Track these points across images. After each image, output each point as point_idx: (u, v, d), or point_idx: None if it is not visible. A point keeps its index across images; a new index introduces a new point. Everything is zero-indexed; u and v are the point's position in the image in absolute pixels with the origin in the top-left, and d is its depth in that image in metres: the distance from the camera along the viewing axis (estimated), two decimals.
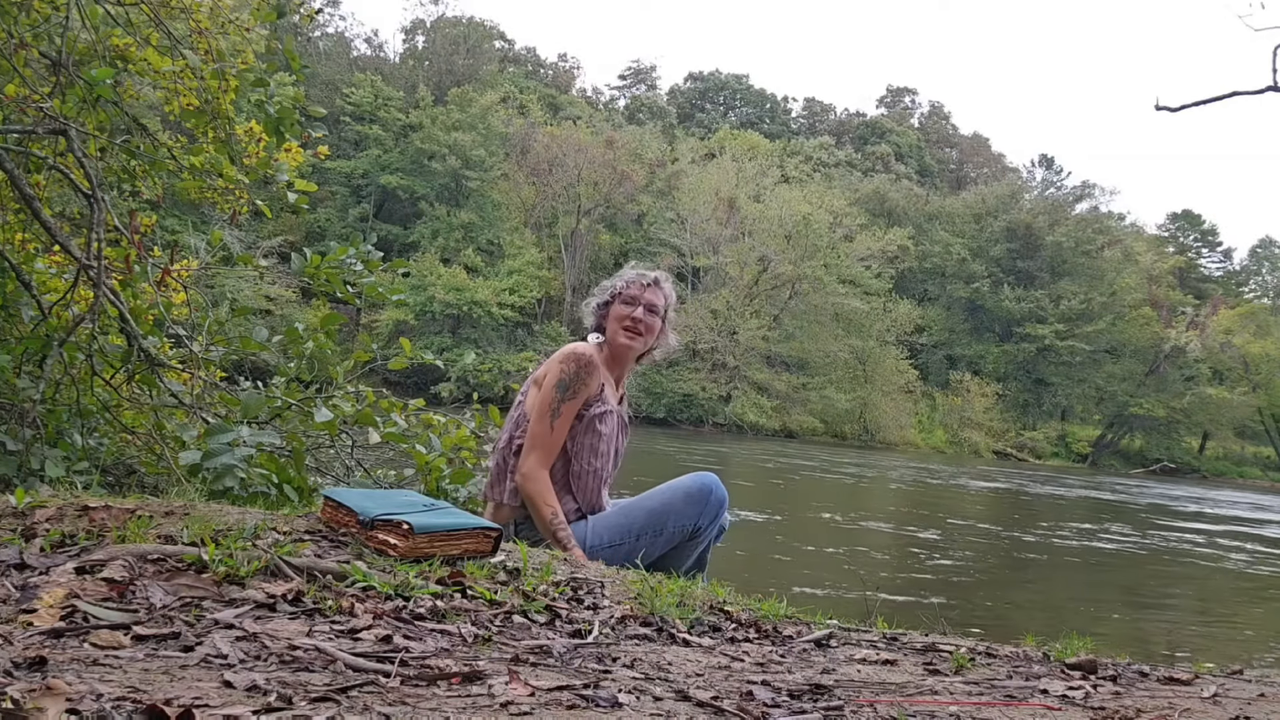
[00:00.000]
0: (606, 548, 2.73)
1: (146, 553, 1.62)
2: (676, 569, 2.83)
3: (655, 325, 2.95)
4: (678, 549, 2.83)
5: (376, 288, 3.93)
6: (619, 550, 2.74)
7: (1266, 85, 5.17)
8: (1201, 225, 56.91)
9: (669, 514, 2.78)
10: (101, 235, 3.30)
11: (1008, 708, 1.37)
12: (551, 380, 2.75)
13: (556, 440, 2.73)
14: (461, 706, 1.12)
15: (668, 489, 2.84)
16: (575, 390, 2.73)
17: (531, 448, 2.72)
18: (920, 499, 15.63)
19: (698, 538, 2.82)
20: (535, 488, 2.69)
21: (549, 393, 2.73)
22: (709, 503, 2.81)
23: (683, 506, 2.79)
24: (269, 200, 4.15)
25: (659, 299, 2.97)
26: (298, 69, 3.89)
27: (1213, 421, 43.91)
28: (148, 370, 3.57)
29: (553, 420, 2.72)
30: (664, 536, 2.78)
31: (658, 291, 2.97)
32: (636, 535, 2.76)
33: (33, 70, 3.62)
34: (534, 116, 41.93)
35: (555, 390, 2.73)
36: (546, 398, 2.74)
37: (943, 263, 46.03)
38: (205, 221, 20.70)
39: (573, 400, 2.74)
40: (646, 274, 3.00)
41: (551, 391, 2.73)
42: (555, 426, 2.72)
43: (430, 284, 32.25)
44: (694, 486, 2.82)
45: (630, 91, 65.53)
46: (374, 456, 4.08)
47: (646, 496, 2.85)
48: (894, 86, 73.23)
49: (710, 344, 35.54)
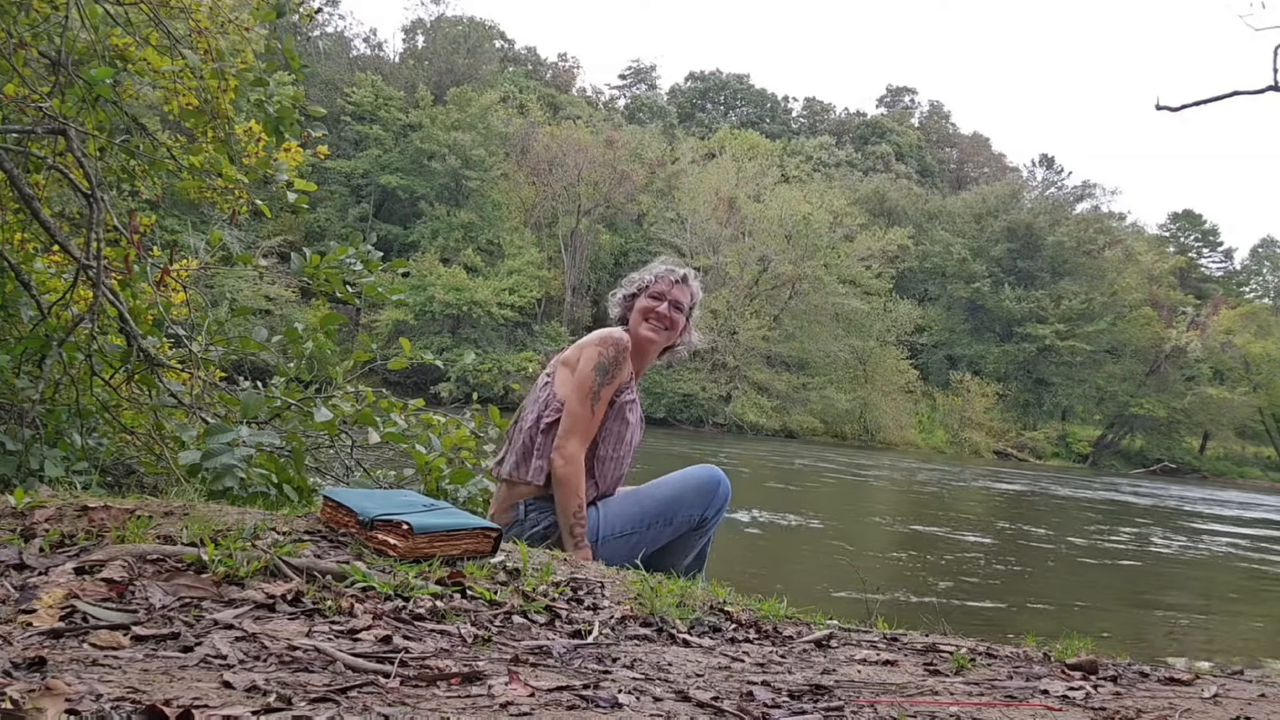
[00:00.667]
0: (618, 537, 2.74)
1: (146, 553, 1.62)
2: (677, 563, 2.84)
3: (679, 322, 2.96)
4: (682, 540, 2.84)
5: (376, 288, 3.92)
6: (629, 540, 2.75)
7: (1266, 85, 5.17)
8: (1202, 225, 56.92)
9: (679, 504, 2.80)
10: (101, 235, 3.30)
11: (1008, 708, 1.37)
12: (589, 364, 2.72)
13: (595, 423, 2.72)
14: (461, 707, 1.12)
15: (677, 479, 2.85)
16: (613, 374, 2.73)
17: (572, 430, 2.68)
18: (920, 499, 15.63)
19: (703, 528, 2.84)
20: (574, 471, 2.66)
21: (588, 375, 2.71)
22: (717, 494, 2.83)
23: (693, 497, 2.81)
24: (269, 200, 4.15)
25: (685, 296, 2.97)
26: (297, 69, 3.89)
27: (1213, 421, 43.90)
28: (147, 370, 3.57)
29: (594, 404, 2.70)
30: (673, 526, 2.80)
31: (685, 289, 2.97)
32: (648, 525, 2.78)
33: (32, 70, 3.62)
34: (534, 116, 41.92)
35: (595, 373, 2.71)
36: (586, 380, 2.71)
37: (943, 263, 46.01)
38: (205, 221, 20.66)
39: (610, 384, 2.73)
40: (675, 270, 3.00)
41: (590, 374, 2.71)
42: (595, 410, 2.71)
43: (430, 284, 32.24)
44: (704, 477, 2.84)
45: (630, 91, 65.57)
46: (374, 456, 4.08)
47: (656, 485, 2.85)
48: (893, 86, 73.32)
49: (710, 344, 35.54)
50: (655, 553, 2.84)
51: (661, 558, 2.84)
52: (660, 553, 2.84)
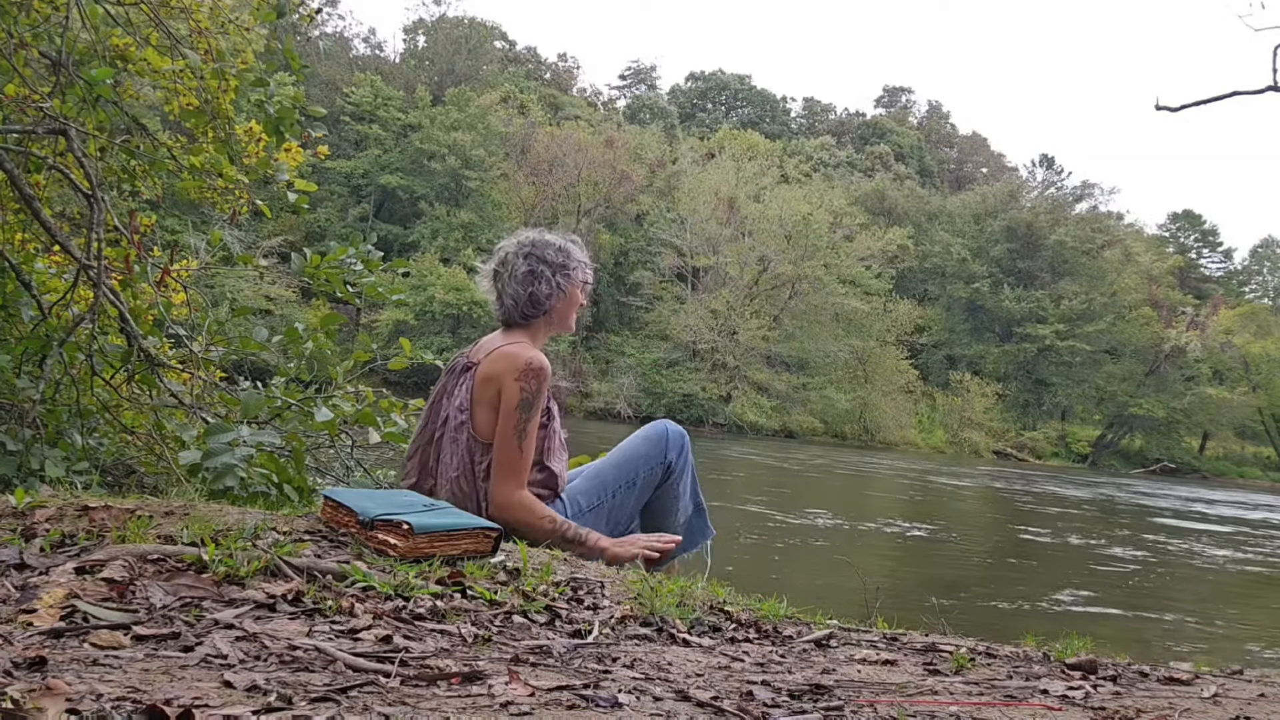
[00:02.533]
0: (586, 512, 2.69)
1: (146, 553, 1.62)
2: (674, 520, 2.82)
3: None
4: (663, 497, 2.80)
5: (376, 288, 3.92)
6: (600, 511, 2.71)
7: (1266, 85, 5.17)
8: (1202, 225, 56.91)
9: (635, 462, 2.75)
10: (101, 235, 3.30)
11: (1008, 708, 1.37)
12: (512, 402, 2.51)
13: (528, 460, 2.55)
14: (461, 706, 1.12)
15: (627, 442, 2.82)
16: (538, 405, 2.55)
17: (505, 476, 2.50)
18: (920, 499, 15.62)
19: (671, 476, 2.78)
20: (519, 514, 2.49)
21: (511, 416, 2.51)
22: (669, 439, 2.77)
23: (645, 450, 2.76)
24: (269, 200, 4.15)
25: None
26: (297, 69, 3.89)
27: (1213, 421, 43.88)
28: (148, 370, 3.57)
29: (520, 442, 2.51)
30: (638, 486, 2.75)
31: None
32: (612, 493, 2.73)
33: (33, 70, 3.62)
34: (534, 116, 41.93)
35: (519, 412, 2.51)
36: (510, 421, 2.51)
37: (943, 263, 46.00)
38: (205, 221, 20.64)
39: (536, 416, 2.55)
40: None
41: (515, 414, 2.51)
42: (524, 448, 2.52)
43: (430, 284, 32.24)
44: (649, 430, 2.81)
45: (631, 91, 65.56)
46: (374, 456, 4.08)
47: (608, 456, 2.83)
48: (890, 86, 73.29)
49: (710, 344, 35.53)
50: (649, 521, 2.82)
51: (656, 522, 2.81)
52: (653, 517, 2.81)
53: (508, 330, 2.70)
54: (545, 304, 2.65)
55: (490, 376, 2.54)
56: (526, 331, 2.67)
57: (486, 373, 2.55)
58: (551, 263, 2.66)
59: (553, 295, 2.66)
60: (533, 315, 2.66)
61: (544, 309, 2.66)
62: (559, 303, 2.68)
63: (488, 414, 2.55)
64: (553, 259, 2.66)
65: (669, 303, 37.70)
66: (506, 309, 2.67)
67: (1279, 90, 5.11)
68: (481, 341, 2.73)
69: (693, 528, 2.89)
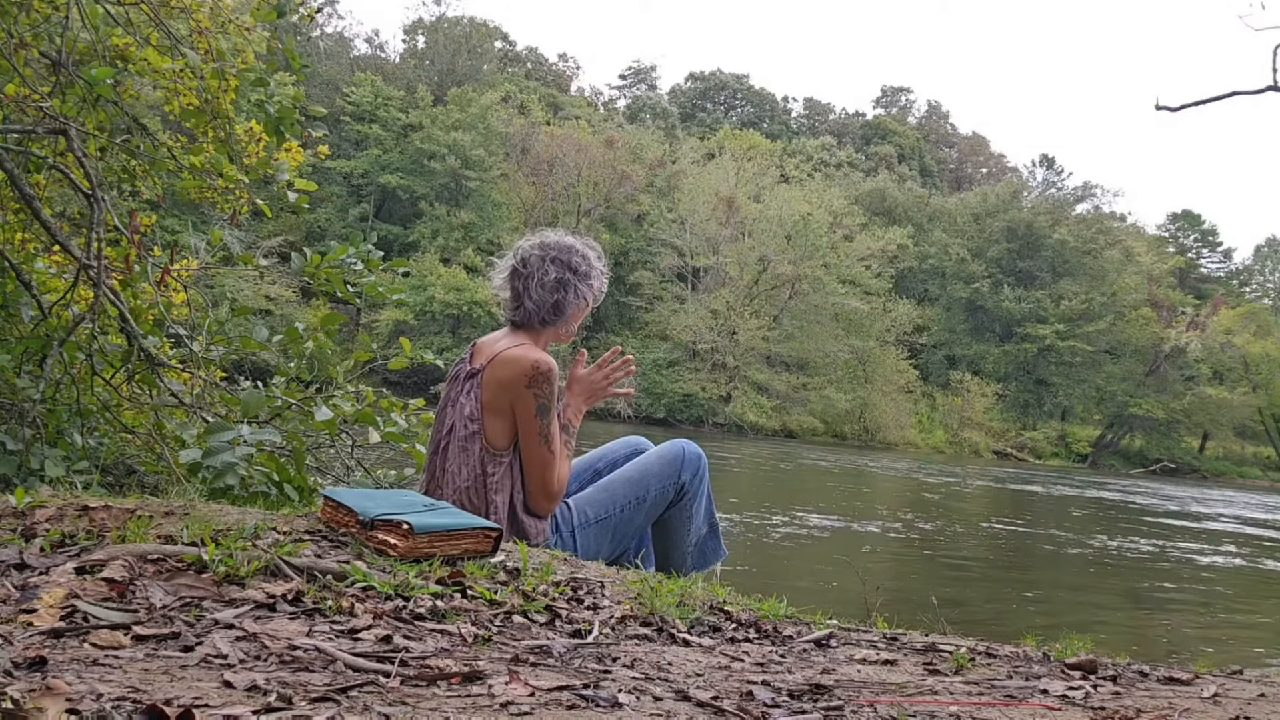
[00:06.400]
0: (592, 524, 2.70)
1: (146, 553, 1.62)
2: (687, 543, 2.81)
3: None
4: (676, 517, 2.79)
5: (376, 287, 3.92)
6: (606, 524, 2.72)
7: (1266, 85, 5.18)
8: (1202, 225, 56.91)
9: (647, 479, 2.74)
10: (101, 235, 3.30)
11: (1008, 708, 1.37)
12: (529, 410, 2.53)
13: (558, 453, 2.61)
14: (461, 706, 1.12)
15: (642, 458, 2.81)
16: (554, 406, 2.58)
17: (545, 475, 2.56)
18: (920, 499, 15.63)
19: (686, 495, 2.78)
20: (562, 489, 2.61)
21: (531, 424, 2.54)
22: (685, 459, 2.77)
23: (660, 468, 2.75)
24: (269, 200, 4.15)
25: None
26: (298, 69, 3.89)
27: (1213, 421, 43.87)
28: (148, 370, 3.57)
29: (548, 445, 2.56)
30: (647, 503, 2.74)
31: None
32: (620, 507, 2.73)
33: (33, 70, 3.62)
34: (534, 116, 41.92)
35: (538, 419, 2.53)
36: (532, 429, 2.54)
37: (942, 263, 45.99)
38: (205, 221, 20.69)
39: (555, 415, 2.59)
40: None
41: (534, 421, 2.54)
42: (553, 449, 2.58)
43: (430, 284, 32.23)
44: (666, 449, 2.80)
45: (631, 91, 65.57)
46: (374, 456, 4.08)
47: (623, 469, 2.82)
48: (888, 87, 73.32)
49: (710, 344, 35.53)
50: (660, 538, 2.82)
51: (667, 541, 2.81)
52: (665, 535, 2.81)
53: (514, 330, 2.68)
54: (566, 312, 2.65)
55: (499, 385, 2.53)
56: (532, 334, 2.66)
57: (494, 380, 2.54)
58: (578, 271, 2.66)
59: (575, 304, 2.67)
60: (551, 322, 2.65)
61: (564, 316, 2.66)
62: (576, 311, 2.69)
63: (499, 423, 2.55)
64: (579, 266, 2.66)
65: (669, 303, 37.69)
66: (526, 311, 2.64)
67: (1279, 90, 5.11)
68: (480, 343, 2.70)
69: (705, 548, 2.88)
